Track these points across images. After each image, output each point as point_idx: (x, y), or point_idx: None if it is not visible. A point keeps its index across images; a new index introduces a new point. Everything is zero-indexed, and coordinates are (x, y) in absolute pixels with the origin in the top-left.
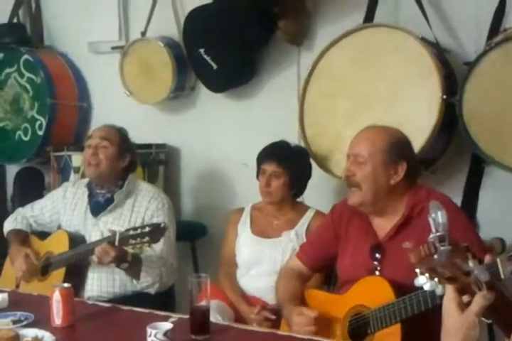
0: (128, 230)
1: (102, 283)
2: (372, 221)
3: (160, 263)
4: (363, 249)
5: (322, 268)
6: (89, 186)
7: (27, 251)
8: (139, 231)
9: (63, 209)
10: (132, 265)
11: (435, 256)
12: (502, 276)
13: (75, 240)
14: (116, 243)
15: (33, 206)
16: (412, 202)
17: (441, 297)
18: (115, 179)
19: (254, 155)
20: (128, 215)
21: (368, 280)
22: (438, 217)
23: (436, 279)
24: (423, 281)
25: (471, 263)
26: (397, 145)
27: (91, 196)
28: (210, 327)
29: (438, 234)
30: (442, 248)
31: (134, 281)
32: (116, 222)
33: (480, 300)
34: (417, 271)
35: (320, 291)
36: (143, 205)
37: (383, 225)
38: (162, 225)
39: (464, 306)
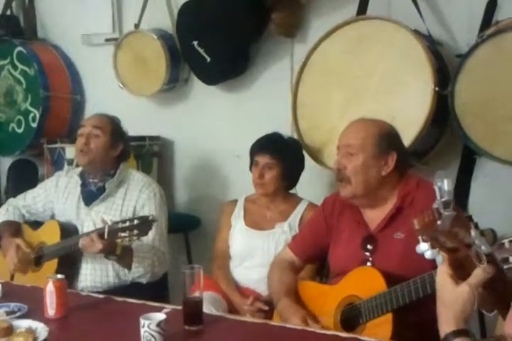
0: (117, 223)
1: (95, 273)
2: (364, 212)
3: (152, 252)
4: (355, 241)
5: (314, 259)
6: (81, 175)
7: (17, 241)
8: (127, 224)
9: (56, 198)
10: (122, 257)
11: (438, 222)
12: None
13: (67, 230)
14: (106, 236)
15: (26, 196)
16: (402, 193)
17: (433, 286)
18: (107, 168)
19: (247, 147)
20: (120, 204)
21: (359, 271)
22: (444, 184)
23: (437, 248)
24: (424, 248)
25: (473, 233)
26: (387, 137)
27: (83, 185)
28: (203, 318)
29: (443, 199)
30: (446, 213)
31: (126, 271)
32: (109, 211)
33: (480, 272)
34: (419, 237)
35: (312, 282)
36: (134, 194)
37: (375, 216)
38: (150, 218)
39: (457, 279)
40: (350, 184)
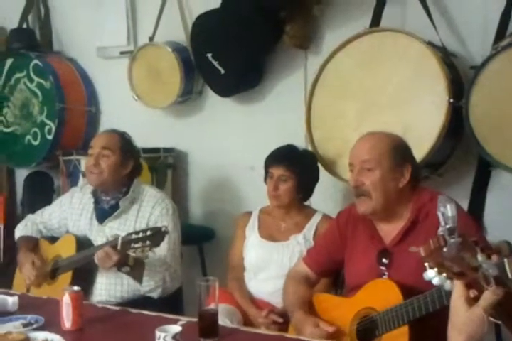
0: (130, 234)
1: (110, 287)
2: (378, 226)
3: (163, 268)
4: (370, 255)
5: (328, 273)
6: (94, 193)
7: (33, 258)
8: (140, 235)
9: (70, 214)
10: (134, 269)
11: (444, 249)
12: (510, 276)
13: (83, 243)
14: (119, 247)
15: (43, 212)
16: (417, 206)
17: (449, 298)
18: (119, 186)
19: (261, 158)
20: (133, 221)
21: (376, 283)
22: (447, 210)
23: (444, 274)
24: (432, 275)
25: (479, 257)
26: (400, 149)
27: (96, 202)
28: (218, 330)
29: (447, 226)
30: (452, 240)
31: (138, 285)
32: (122, 227)
33: (489, 295)
34: (426, 264)
35: (328, 295)
36: (147, 211)
37: (389, 230)
38: (163, 229)
39: (472, 301)
40: (370, 199)
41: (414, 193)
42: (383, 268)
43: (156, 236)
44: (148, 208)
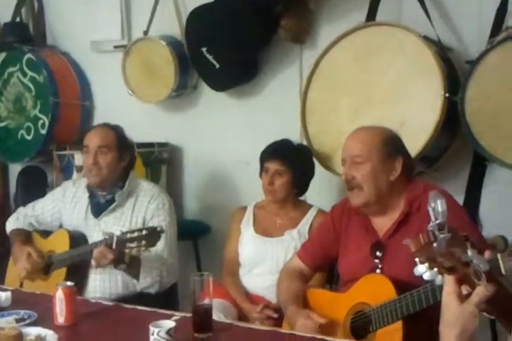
0: (125, 233)
1: (104, 284)
2: (372, 219)
3: (160, 263)
4: (364, 248)
5: (323, 267)
6: (89, 187)
7: (29, 249)
8: (136, 234)
9: (64, 208)
10: (130, 266)
11: (434, 245)
12: (503, 272)
13: (76, 239)
14: (114, 246)
15: (35, 205)
16: (410, 198)
17: (442, 293)
18: (116, 180)
19: (257, 153)
20: (129, 215)
21: (369, 278)
22: (437, 205)
23: (435, 269)
24: (422, 270)
25: (469, 253)
26: (391, 141)
27: (91, 197)
28: (212, 325)
29: (437, 221)
30: (441, 235)
31: (135, 282)
32: (118, 221)
33: (481, 291)
34: (417, 259)
35: (322, 290)
36: (143, 205)
37: (383, 223)
38: (159, 229)
39: (463, 297)
40: (362, 191)
41: (407, 185)
42: (377, 260)
43: (151, 235)
44: (145, 203)
